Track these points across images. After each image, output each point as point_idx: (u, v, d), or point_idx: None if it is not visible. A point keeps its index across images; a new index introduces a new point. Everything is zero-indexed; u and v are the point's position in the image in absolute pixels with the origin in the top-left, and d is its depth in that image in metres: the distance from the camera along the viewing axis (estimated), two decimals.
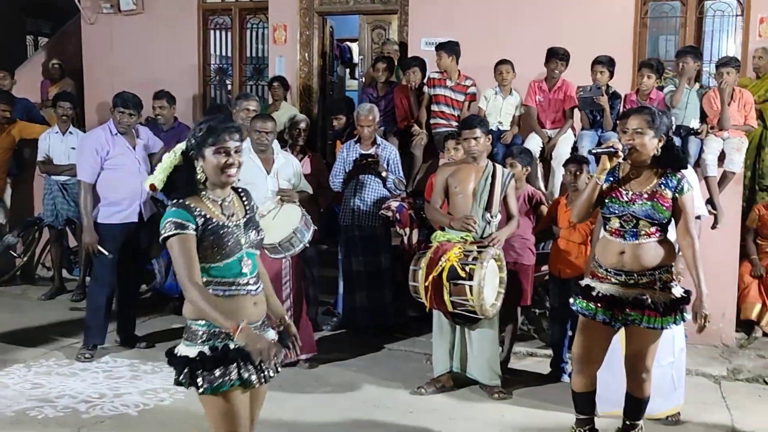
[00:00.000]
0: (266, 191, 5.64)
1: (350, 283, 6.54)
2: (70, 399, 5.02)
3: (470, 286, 4.78)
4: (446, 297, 4.87)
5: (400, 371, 5.69)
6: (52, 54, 9.77)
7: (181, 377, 3.05)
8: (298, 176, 5.84)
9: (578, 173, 5.49)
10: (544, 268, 6.00)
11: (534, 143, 6.75)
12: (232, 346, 2.99)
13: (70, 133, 7.50)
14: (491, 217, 5.14)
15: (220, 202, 3.08)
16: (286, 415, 4.85)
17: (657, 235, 3.89)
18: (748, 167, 6.92)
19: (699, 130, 6.38)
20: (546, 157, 6.81)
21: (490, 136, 5.30)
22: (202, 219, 2.97)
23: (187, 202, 2.99)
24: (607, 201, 3.97)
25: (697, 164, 6.29)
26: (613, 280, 3.94)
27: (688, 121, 6.45)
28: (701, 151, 6.31)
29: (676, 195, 3.87)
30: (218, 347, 2.99)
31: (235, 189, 3.21)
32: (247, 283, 3.08)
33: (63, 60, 9.49)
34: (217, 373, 2.97)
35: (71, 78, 9.42)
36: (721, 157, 6.31)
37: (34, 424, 4.62)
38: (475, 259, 4.85)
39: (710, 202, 6.21)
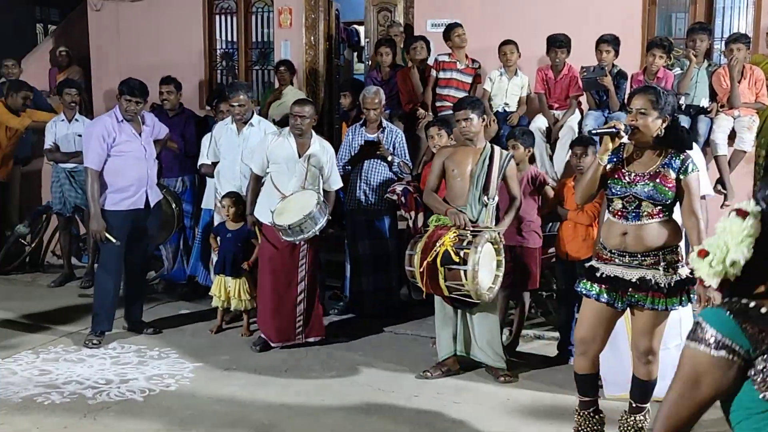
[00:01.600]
0: (293, 174, 5.67)
1: (356, 268, 6.53)
2: (77, 385, 5.04)
3: (464, 271, 4.75)
4: (441, 282, 4.85)
5: (406, 355, 5.68)
6: (60, 41, 9.77)
7: None
8: (329, 165, 5.85)
9: (583, 155, 5.42)
10: (551, 250, 5.95)
11: (540, 123, 6.69)
12: None
13: (76, 120, 7.49)
14: (488, 199, 5.10)
15: None
16: (291, 399, 4.86)
17: (660, 216, 3.84)
18: (762, 146, 6.82)
19: (709, 109, 6.30)
20: (554, 137, 6.75)
21: (484, 117, 5.24)
22: None
23: None
24: (609, 182, 3.93)
25: (707, 143, 6.21)
26: (617, 261, 3.90)
27: (698, 99, 6.36)
28: (711, 130, 6.22)
29: (680, 176, 3.81)
30: None
31: None
32: None
33: (70, 47, 9.50)
34: None
35: (79, 65, 9.42)
36: (732, 136, 6.22)
37: (40, 410, 4.65)
38: (469, 243, 4.81)
39: (720, 181, 6.13)
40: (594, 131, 4.01)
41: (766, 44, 6.90)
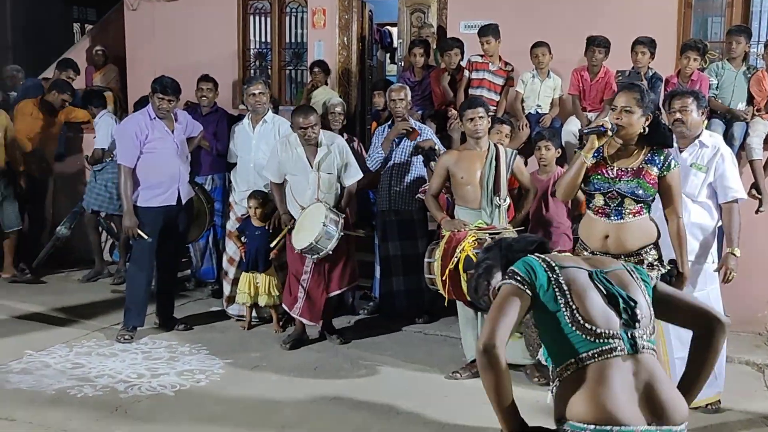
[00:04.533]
0: (308, 185, 5.72)
1: (387, 268, 6.52)
2: (109, 379, 5.12)
3: None
4: (464, 287, 4.81)
5: (436, 355, 5.67)
6: (96, 41, 9.90)
7: None
8: (343, 159, 5.84)
9: None
10: None
11: (573, 126, 6.65)
12: None
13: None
14: (500, 200, 5.12)
15: None
16: (319, 397, 4.89)
17: (641, 213, 3.90)
18: None
19: (745, 113, 6.22)
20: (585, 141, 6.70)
21: (490, 118, 5.28)
22: None
23: None
24: (591, 178, 3.96)
25: (742, 148, 6.14)
26: None
27: (735, 103, 6.28)
28: (746, 134, 6.15)
29: (663, 173, 3.90)
30: None
31: None
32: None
33: (106, 46, 9.61)
34: None
35: (115, 64, 9.54)
36: None
37: (73, 403, 4.73)
38: None
39: (755, 186, 6.05)
40: (584, 130, 4.06)
41: None
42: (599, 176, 3.94)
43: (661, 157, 3.89)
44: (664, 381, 2.22)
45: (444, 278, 4.90)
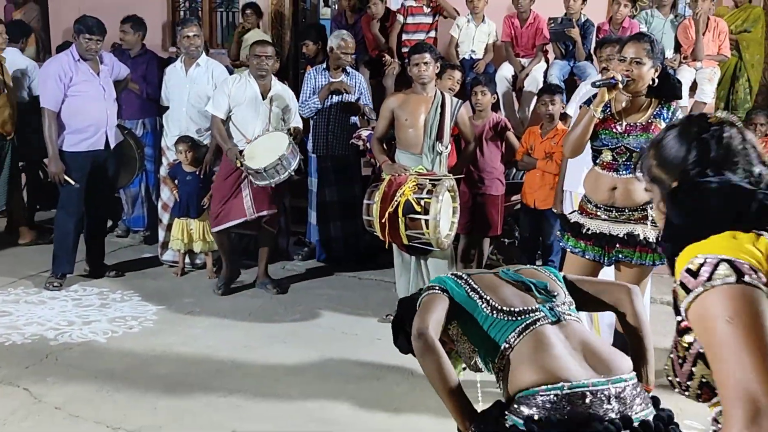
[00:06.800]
0: (257, 117, 5.65)
1: (324, 214, 6.48)
2: (38, 327, 5.02)
3: (426, 221, 4.76)
4: (402, 231, 4.83)
5: (370, 299, 5.73)
6: None
7: None
8: (292, 105, 5.86)
9: (552, 102, 5.48)
10: (515, 197, 6.01)
11: (507, 72, 6.69)
12: None
13: None
14: (442, 147, 5.13)
15: None
16: (254, 342, 4.90)
17: None
18: (722, 98, 6.93)
19: (672, 60, 6.36)
20: (519, 86, 6.77)
21: (438, 65, 5.23)
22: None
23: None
24: (599, 133, 3.84)
25: None
26: (602, 216, 3.85)
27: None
28: None
29: None
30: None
31: None
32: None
33: None
34: None
35: (35, 2, 9.12)
36: (693, 88, 6.30)
37: (1, 351, 4.63)
38: (429, 192, 4.79)
39: None
40: (596, 83, 3.78)
41: None
42: (607, 131, 3.81)
43: (669, 111, 3.77)
44: (598, 341, 2.28)
45: (383, 221, 4.91)
